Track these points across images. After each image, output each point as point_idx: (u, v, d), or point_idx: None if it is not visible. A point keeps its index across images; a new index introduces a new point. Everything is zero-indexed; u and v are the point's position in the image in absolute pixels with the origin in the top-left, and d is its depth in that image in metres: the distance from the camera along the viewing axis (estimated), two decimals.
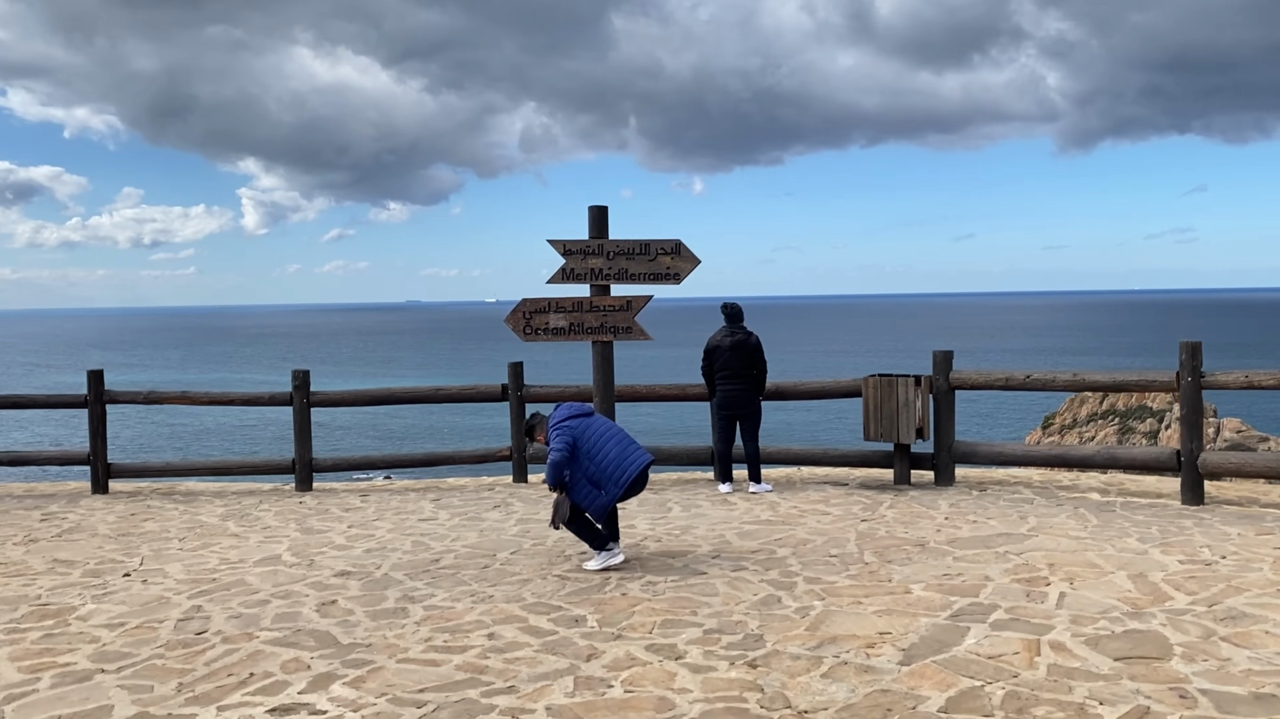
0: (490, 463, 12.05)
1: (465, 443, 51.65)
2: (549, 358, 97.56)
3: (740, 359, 10.52)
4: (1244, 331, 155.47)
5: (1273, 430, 47.14)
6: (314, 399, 11.82)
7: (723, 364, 10.55)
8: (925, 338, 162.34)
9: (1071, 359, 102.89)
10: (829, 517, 9.25)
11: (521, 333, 11.14)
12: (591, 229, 10.93)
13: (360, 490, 11.83)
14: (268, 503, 11.11)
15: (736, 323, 10.67)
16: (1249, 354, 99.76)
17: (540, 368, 12.29)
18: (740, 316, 10.68)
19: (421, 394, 11.95)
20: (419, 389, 12.03)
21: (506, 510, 10.13)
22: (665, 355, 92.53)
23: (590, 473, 7.41)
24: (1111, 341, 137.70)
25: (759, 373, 10.61)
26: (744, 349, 10.53)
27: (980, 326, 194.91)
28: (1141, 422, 52.90)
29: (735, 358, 10.51)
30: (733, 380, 10.55)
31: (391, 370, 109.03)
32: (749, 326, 10.71)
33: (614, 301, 10.92)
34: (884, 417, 10.43)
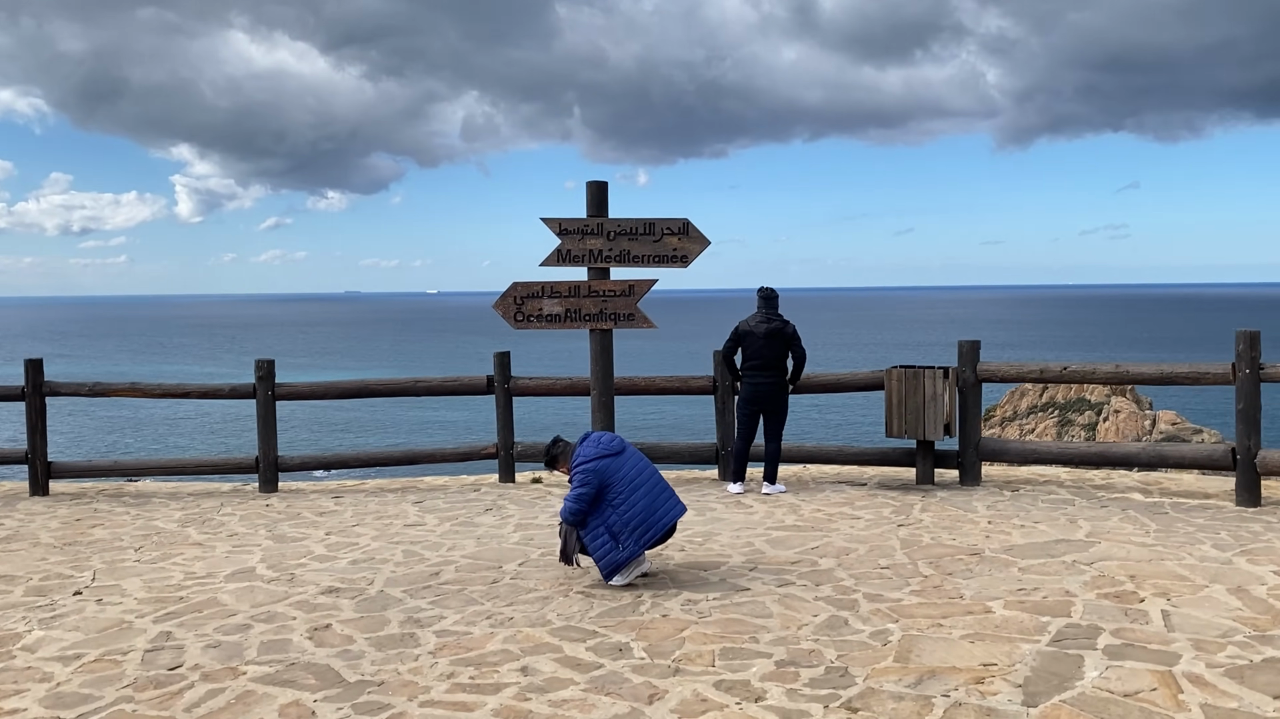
0: (473, 461, 11.10)
1: (447, 439, 49.12)
2: (538, 347, 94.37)
3: (775, 348, 9.68)
4: (1182, 327, 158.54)
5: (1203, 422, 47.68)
6: (280, 391, 10.78)
7: (754, 352, 9.70)
8: (874, 330, 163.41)
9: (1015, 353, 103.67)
10: (860, 521, 8.46)
11: (512, 320, 10.19)
12: (590, 207, 10.01)
13: (332, 491, 10.81)
14: (230, 506, 10.06)
15: (773, 308, 9.83)
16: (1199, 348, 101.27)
17: (527, 359, 11.36)
18: (776, 302, 9.84)
19: (399, 386, 10.96)
20: (397, 381, 11.05)
21: (500, 514, 9.20)
22: (649, 347, 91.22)
23: (611, 523, 6.50)
24: (1051, 335, 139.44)
25: (796, 362, 9.77)
26: (780, 338, 9.69)
27: (922, 320, 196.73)
28: (1080, 414, 52.92)
29: (769, 346, 9.67)
30: (764, 372, 9.71)
31: (353, 362, 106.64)
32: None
33: (614, 286, 10.02)
34: (909, 412, 9.66)
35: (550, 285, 10.10)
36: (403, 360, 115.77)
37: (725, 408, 10.51)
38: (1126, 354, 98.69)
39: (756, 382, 9.75)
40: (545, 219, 10.03)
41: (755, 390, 9.75)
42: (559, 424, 54.56)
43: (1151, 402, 50.42)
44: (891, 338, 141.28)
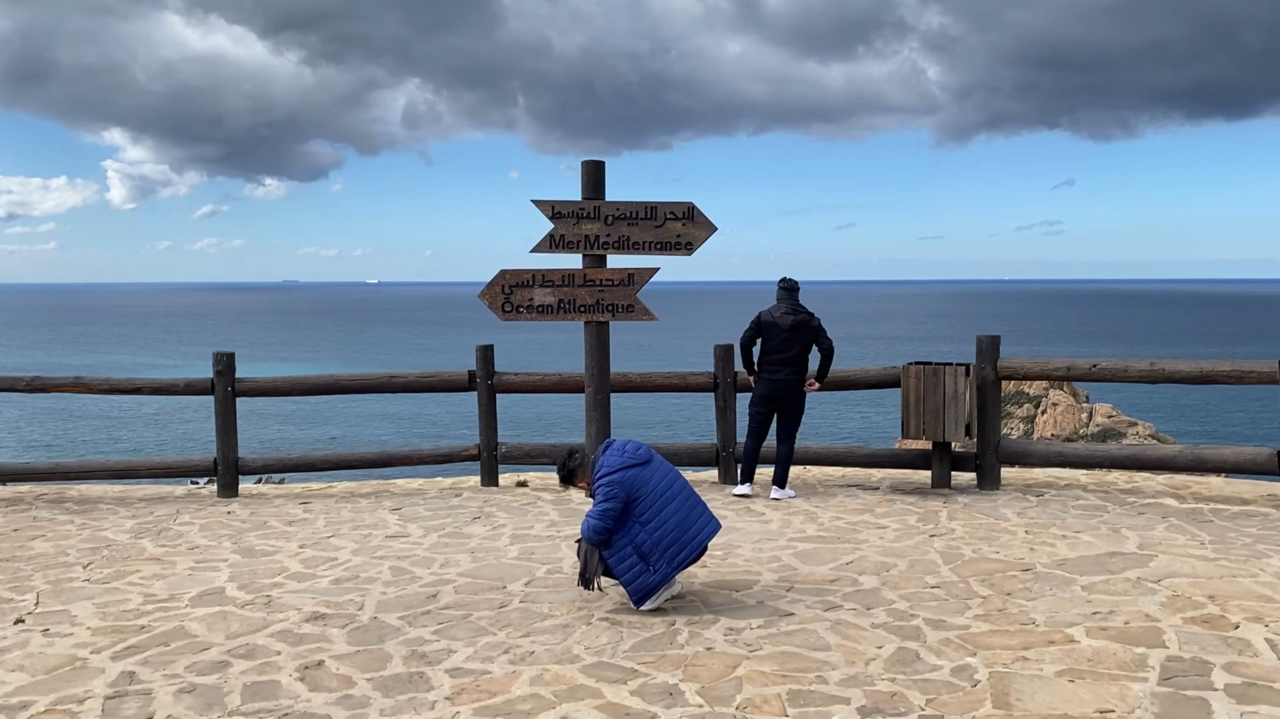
0: (453, 463, 10.27)
1: (424, 440, 46.78)
2: (523, 339, 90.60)
3: (800, 343, 8.98)
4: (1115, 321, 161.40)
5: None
6: (241, 387, 9.86)
7: (777, 346, 8.98)
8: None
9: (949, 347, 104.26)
10: (888, 531, 7.81)
11: (500, 311, 9.40)
12: (586, 188, 9.25)
13: (298, 496, 9.92)
14: (187, 513, 9.14)
15: (796, 300, 9.12)
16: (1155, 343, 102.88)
17: (511, 352, 10.53)
18: (798, 293, 9.13)
19: (373, 382, 10.09)
20: (369, 376, 10.18)
21: (491, 524, 8.41)
22: (633, 340, 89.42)
23: (641, 542, 5.76)
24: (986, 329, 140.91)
25: (825, 356, 9.08)
26: (805, 332, 8.98)
27: (862, 314, 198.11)
28: (1019, 407, 53.02)
29: (794, 340, 8.95)
30: (785, 368, 9.00)
31: (308, 355, 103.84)
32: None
33: (612, 274, 9.27)
34: (927, 411, 9.03)
35: (542, 274, 9.33)
36: (367, 353, 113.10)
37: (726, 406, 9.81)
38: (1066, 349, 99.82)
39: (777, 379, 9.04)
40: (537, 201, 9.25)
41: (774, 387, 9.04)
42: (546, 423, 53.90)
43: (1089, 395, 50.76)
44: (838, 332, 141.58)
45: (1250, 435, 51.91)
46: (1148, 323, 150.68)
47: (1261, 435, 50.90)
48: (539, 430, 48.69)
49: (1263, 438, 48.52)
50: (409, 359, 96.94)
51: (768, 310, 9.12)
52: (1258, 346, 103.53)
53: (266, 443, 46.13)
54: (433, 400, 59.84)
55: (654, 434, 48.34)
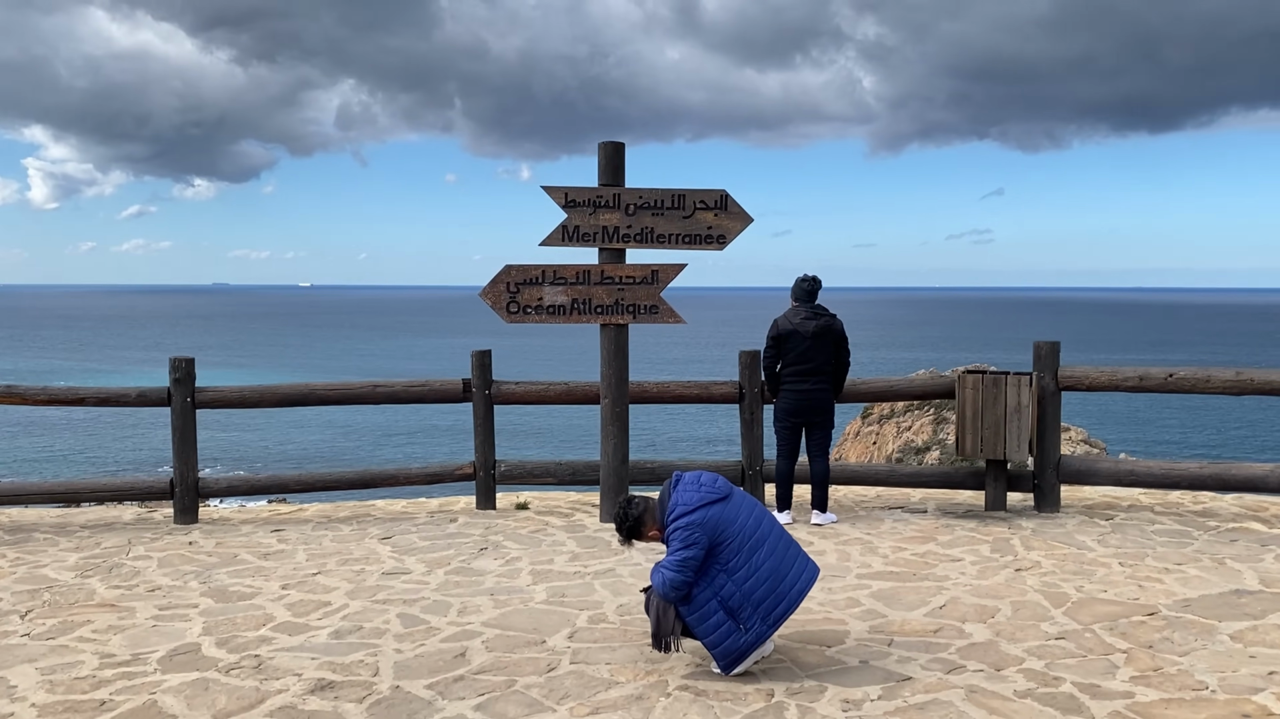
0: (445, 483, 9.12)
1: (411, 457, 43.73)
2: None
3: (823, 350, 7.99)
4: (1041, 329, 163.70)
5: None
6: (202, 397, 8.61)
7: (800, 356, 7.97)
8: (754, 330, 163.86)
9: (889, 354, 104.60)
10: (965, 564, 6.85)
11: (505, 311, 8.28)
12: (603, 173, 8.18)
13: (267, 521, 8.70)
14: (142, 544, 7.88)
15: (816, 302, 8.14)
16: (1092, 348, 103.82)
17: (503, 356, 9.39)
18: (817, 293, 8.14)
19: (354, 392, 8.89)
20: (350, 385, 8.96)
21: (502, 556, 7.29)
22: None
23: (728, 595, 4.72)
24: (925, 335, 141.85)
25: (840, 367, 8.11)
26: (829, 337, 8.00)
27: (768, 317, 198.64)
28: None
29: (818, 348, 7.96)
30: (810, 378, 8.00)
31: (251, 360, 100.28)
32: None
33: (634, 271, 8.21)
34: (986, 426, 8.11)
35: (554, 270, 8.24)
36: (326, 359, 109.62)
37: (753, 419, 8.80)
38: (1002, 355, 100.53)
39: (802, 389, 8.05)
40: (548, 188, 8.16)
41: (801, 400, 8.05)
42: (545, 437, 51.48)
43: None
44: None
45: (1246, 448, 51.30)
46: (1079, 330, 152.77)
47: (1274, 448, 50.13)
48: (538, 445, 45.84)
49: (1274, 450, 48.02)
50: (373, 365, 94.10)
51: (785, 317, 8.12)
52: (1187, 353, 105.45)
53: (228, 460, 42.98)
54: (414, 412, 55.05)
55: (670, 450, 46.07)
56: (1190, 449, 49.02)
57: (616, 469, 8.31)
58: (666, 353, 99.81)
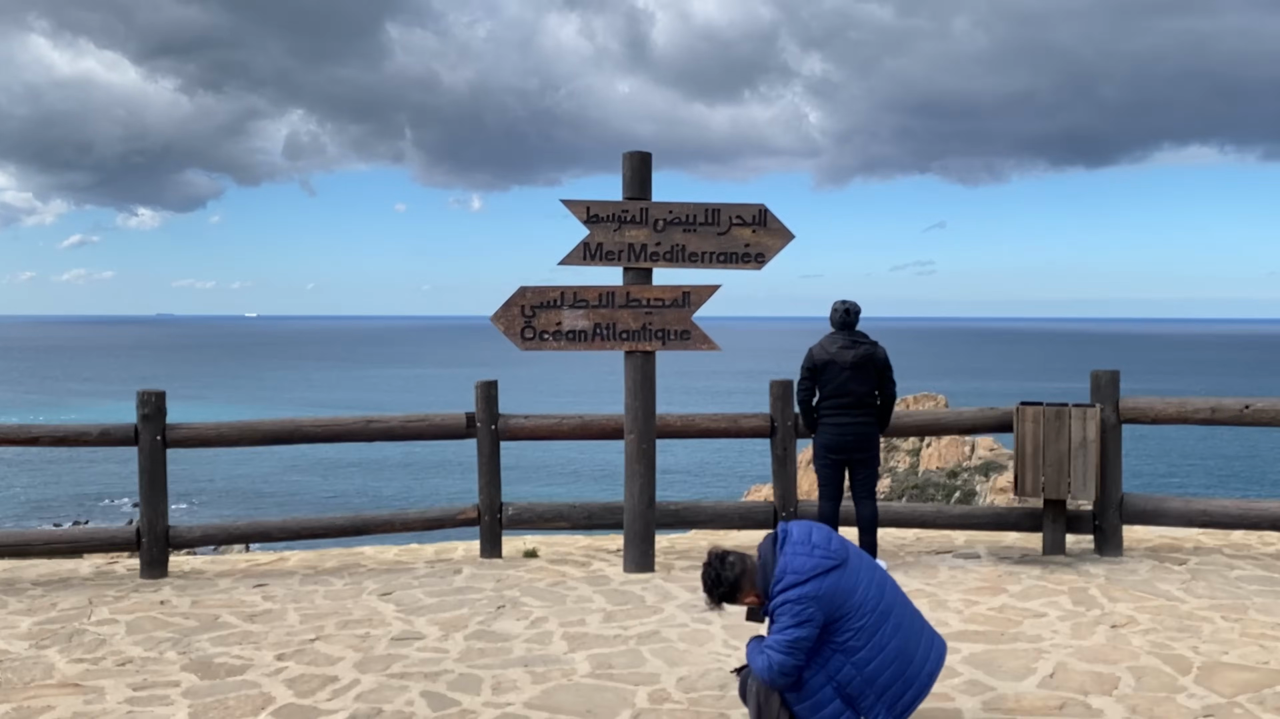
0: (446, 528, 8.22)
1: (406, 498, 40.39)
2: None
3: (865, 381, 7.24)
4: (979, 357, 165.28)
5: None
6: (174, 435, 7.65)
7: (839, 387, 7.21)
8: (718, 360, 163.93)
9: None
10: (1051, 619, 6.10)
11: (518, 338, 7.45)
12: (629, 186, 7.40)
13: (245, 573, 7.74)
14: (105, 604, 6.90)
15: (855, 328, 7.40)
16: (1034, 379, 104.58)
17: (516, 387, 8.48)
18: (857, 320, 7.40)
19: (345, 428, 7.96)
20: (340, 421, 8.02)
21: (525, 616, 6.42)
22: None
23: (846, 680, 3.92)
24: None
25: (886, 401, 7.37)
26: (871, 366, 7.25)
27: (754, 349, 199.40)
28: (905, 440, 51.62)
29: (859, 379, 7.21)
30: (851, 411, 7.24)
31: (230, 393, 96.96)
32: None
33: (663, 293, 7.42)
34: (1048, 463, 7.40)
35: (574, 291, 7.43)
36: (287, 390, 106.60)
37: (786, 455, 8.03)
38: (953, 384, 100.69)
39: (842, 423, 7.28)
40: (568, 201, 7.37)
41: (842, 435, 7.28)
42: (549, 472, 48.78)
43: None
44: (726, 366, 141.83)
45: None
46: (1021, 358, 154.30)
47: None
48: (539, 481, 42.79)
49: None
50: (342, 398, 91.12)
51: (821, 346, 7.36)
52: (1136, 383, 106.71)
53: (195, 498, 39.76)
54: (409, 452, 49.80)
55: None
56: (1204, 484, 48.56)
57: (642, 513, 7.48)
58: (680, 382, 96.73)
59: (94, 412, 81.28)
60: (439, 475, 50.34)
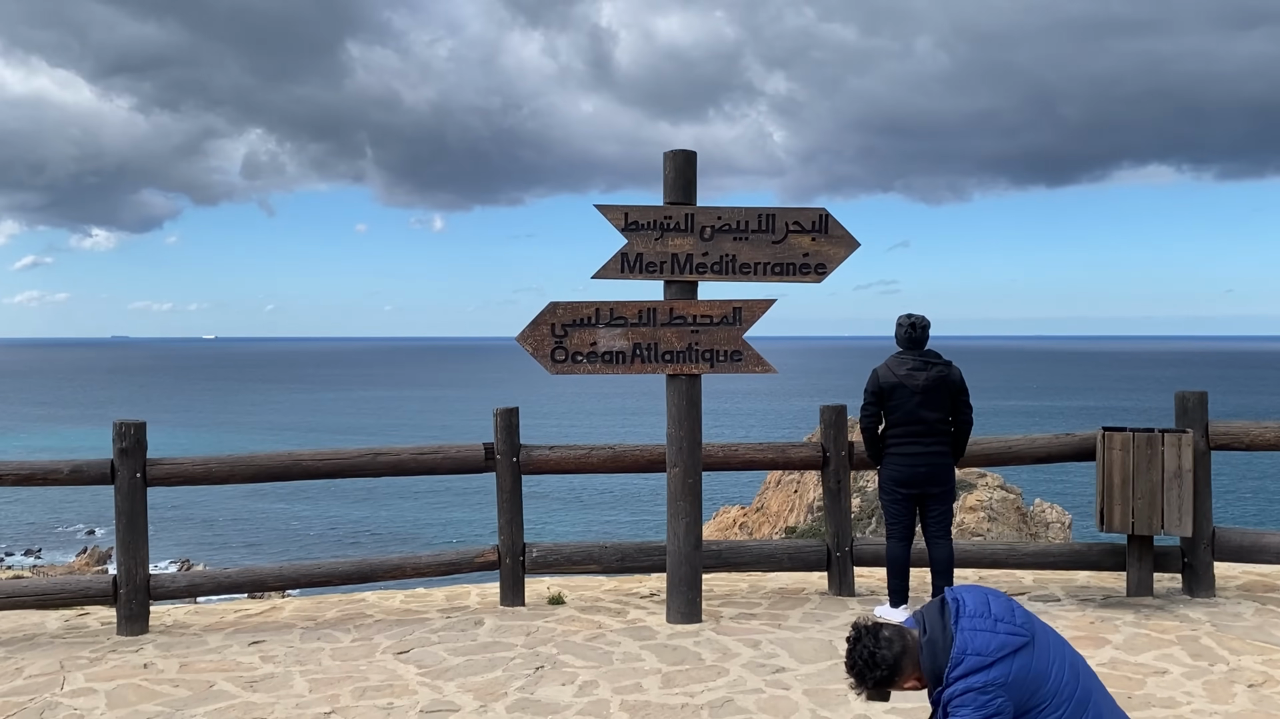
0: (463, 573, 7.36)
1: (414, 531, 37.48)
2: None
3: (938, 406, 6.50)
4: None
5: None
6: (156, 472, 6.75)
7: (908, 414, 6.47)
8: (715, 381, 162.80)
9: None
10: (1177, 677, 5.36)
11: (549, 360, 6.63)
12: (672, 189, 6.63)
13: (235, 627, 6.83)
14: (78, 667, 5.98)
15: (925, 346, 6.67)
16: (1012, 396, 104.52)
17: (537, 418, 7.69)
18: (927, 337, 6.66)
19: (350, 462, 7.07)
20: (344, 455, 7.13)
21: (569, 678, 5.59)
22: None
23: None
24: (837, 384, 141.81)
25: (961, 427, 6.63)
26: (945, 389, 6.51)
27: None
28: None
29: (931, 404, 6.47)
30: (922, 440, 6.50)
31: (193, 418, 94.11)
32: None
33: (711, 309, 6.64)
34: (1138, 495, 6.68)
35: (610, 308, 6.64)
36: (252, 414, 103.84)
37: (840, 488, 7.27)
38: None
39: (913, 453, 6.53)
40: (603, 207, 6.59)
41: (913, 467, 6.53)
42: (553, 507, 45.79)
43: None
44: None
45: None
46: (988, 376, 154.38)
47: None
48: (548, 510, 40.17)
49: None
50: (316, 421, 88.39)
51: (887, 367, 6.61)
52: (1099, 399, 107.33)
53: (173, 538, 36.97)
54: (413, 488, 45.63)
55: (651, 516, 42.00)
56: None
57: (689, 556, 6.67)
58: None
59: (51, 438, 79.04)
60: (451, 504, 47.83)
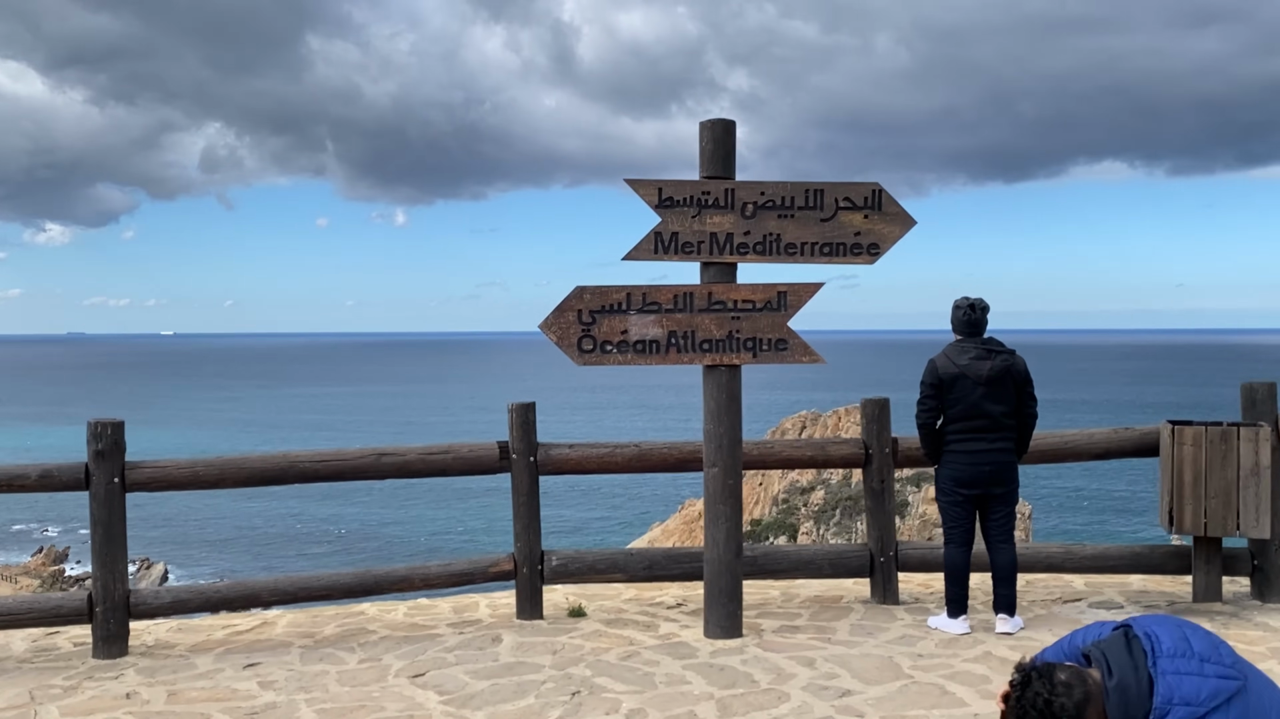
0: (476, 584, 6.73)
1: (419, 546, 34.51)
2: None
3: (1003, 399, 5.97)
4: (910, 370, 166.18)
5: None
6: (135, 477, 6.07)
7: (971, 408, 5.93)
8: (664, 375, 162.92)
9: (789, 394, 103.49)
10: None
11: (575, 350, 6.02)
12: (710, 162, 6.04)
13: (226, 646, 6.17)
14: (52, 698, 5.30)
15: (984, 333, 6.13)
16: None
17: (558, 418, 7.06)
18: (986, 320, 6.13)
19: (352, 464, 6.41)
20: (345, 456, 6.47)
21: (613, 705, 4.99)
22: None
23: None
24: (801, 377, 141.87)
25: (1026, 420, 6.11)
26: (1009, 380, 5.99)
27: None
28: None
29: (995, 397, 5.94)
30: (986, 436, 5.96)
31: (179, 418, 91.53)
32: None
33: (754, 294, 6.06)
34: (1211, 494, 6.19)
35: (643, 292, 6.04)
36: (242, 412, 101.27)
37: (884, 489, 6.72)
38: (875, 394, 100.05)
39: (976, 450, 5.99)
40: (634, 181, 6.00)
41: (977, 465, 5.99)
42: (564, 504, 43.90)
43: None
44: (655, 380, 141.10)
45: None
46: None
47: None
48: (558, 505, 37.99)
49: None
50: (292, 419, 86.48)
51: (945, 356, 6.07)
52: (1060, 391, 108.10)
53: (152, 546, 34.57)
54: (412, 491, 43.77)
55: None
56: None
57: (730, 564, 6.09)
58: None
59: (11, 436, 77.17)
60: (461, 508, 45.63)
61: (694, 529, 40.61)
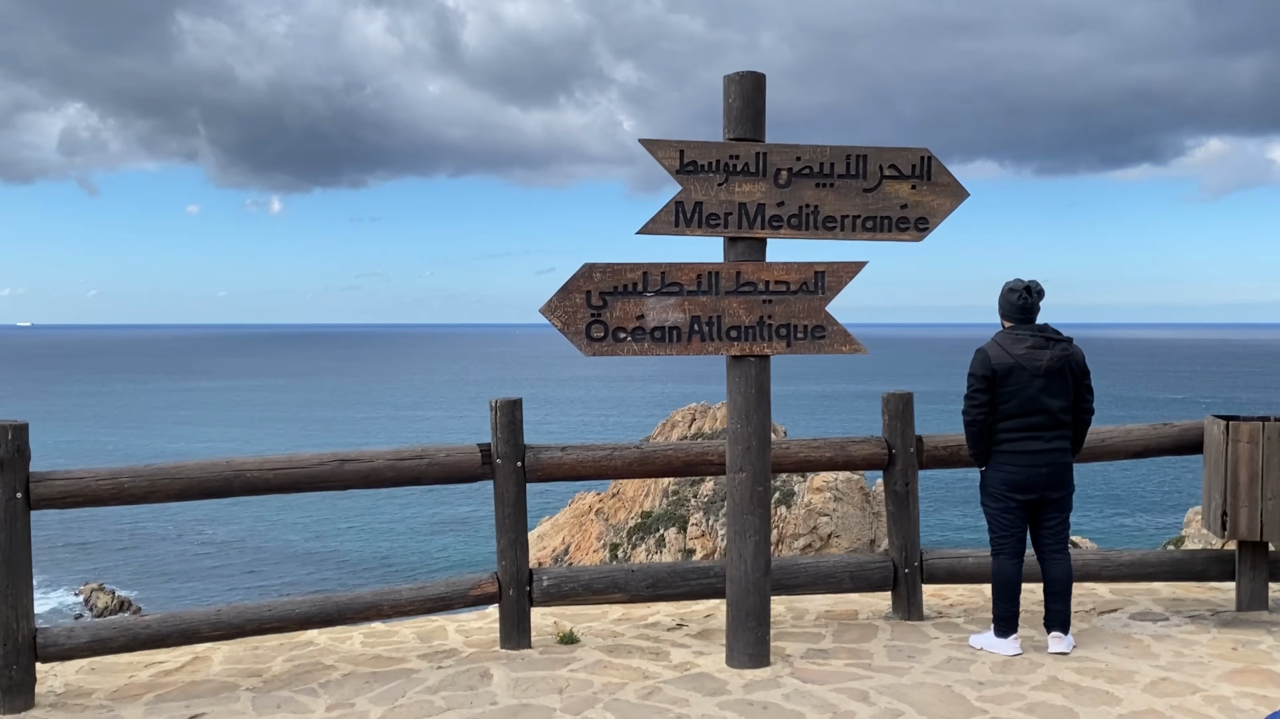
0: (455, 609, 5.82)
1: (387, 567, 30.21)
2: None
3: (1062, 393, 5.36)
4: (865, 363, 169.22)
5: None
6: (44, 491, 4.99)
7: (1028, 402, 5.29)
8: (521, 367, 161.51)
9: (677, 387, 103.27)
10: None
11: (584, 337, 5.17)
12: (737, 122, 5.25)
13: (159, 693, 5.14)
14: None
15: (1036, 319, 5.51)
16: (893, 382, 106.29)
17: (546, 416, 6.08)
18: (1038, 308, 5.51)
19: (310, 472, 5.39)
20: (302, 462, 5.44)
21: None
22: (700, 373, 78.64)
23: None
24: (707, 370, 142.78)
25: (1082, 417, 5.50)
26: (1068, 372, 5.37)
27: (555, 354, 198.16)
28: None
29: (1054, 390, 5.32)
30: (1043, 434, 5.34)
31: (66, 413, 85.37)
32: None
33: (788, 274, 5.30)
34: (1268, 495, 5.69)
35: (661, 271, 5.23)
36: (97, 405, 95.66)
37: (908, 492, 6.06)
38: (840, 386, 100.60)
39: (1032, 450, 5.37)
40: (650, 142, 5.19)
41: (1034, 468, 5.36)
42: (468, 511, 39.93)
43: None
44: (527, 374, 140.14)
45: None
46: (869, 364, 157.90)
47: None
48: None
49: None
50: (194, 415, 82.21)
51: (998, 346, 5.43)
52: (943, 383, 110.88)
53: (56, 566, 29.71)
54: (377, 502, 39.91)
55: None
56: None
57: (758, 583, 5.33)
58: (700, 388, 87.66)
59: None
60: (433, 521, 41.91)
61: (583, 523, 39.73)
